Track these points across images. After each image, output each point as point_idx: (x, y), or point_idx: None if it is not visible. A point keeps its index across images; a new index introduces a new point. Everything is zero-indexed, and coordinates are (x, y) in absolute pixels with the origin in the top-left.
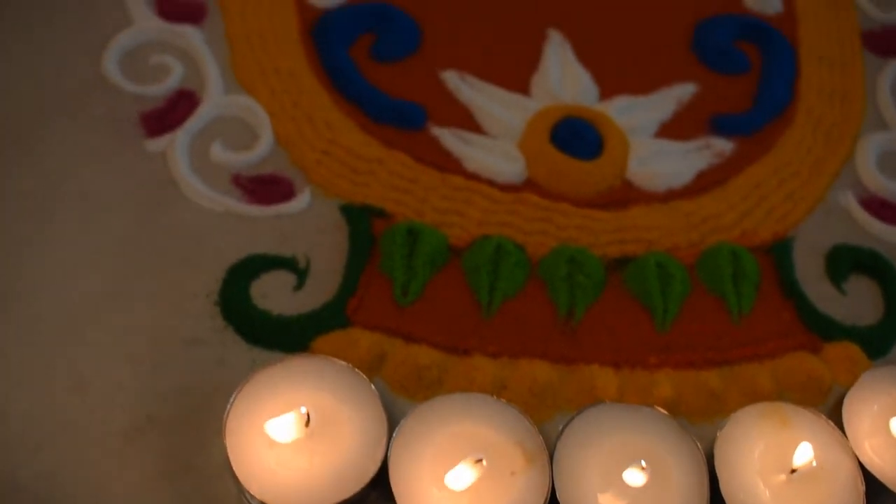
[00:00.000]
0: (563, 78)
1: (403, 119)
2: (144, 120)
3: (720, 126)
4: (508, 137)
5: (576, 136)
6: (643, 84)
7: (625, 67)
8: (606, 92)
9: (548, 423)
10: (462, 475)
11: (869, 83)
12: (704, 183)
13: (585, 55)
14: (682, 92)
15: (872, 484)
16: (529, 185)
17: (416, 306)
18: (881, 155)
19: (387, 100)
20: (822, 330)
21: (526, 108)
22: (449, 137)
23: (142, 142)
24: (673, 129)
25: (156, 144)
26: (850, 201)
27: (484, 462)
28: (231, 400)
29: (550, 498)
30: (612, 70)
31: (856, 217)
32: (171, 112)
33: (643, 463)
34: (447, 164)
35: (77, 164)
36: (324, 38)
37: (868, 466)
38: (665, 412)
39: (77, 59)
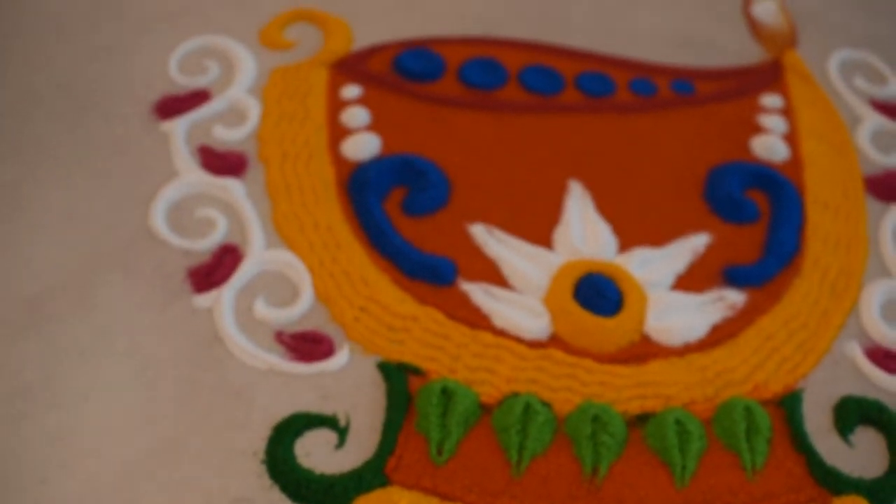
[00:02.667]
0: (584, 231)
1: (435, 275)
2: (192, 275)
3: (732, 277)
4: (534, 293)
5: (598, 293)
6: (660, 234)
7: (642, 218)
8: (625, 243)
9: None
10: None
11: (871, 229)
12: (718, 336)
13: (605, 206)
14: (697, 243)
15: None
16: (555, 340)
17: (451, 465)
18: (885, 304)
19: (419, 255)
20: (831, 484)
21: (550, 262)
22: (478, 293)
23: (189, 298)
24: (688, 280)
25: (203, 300)
26: (856, 352)
27: None
28: None
29: None
30: (631, 220)
31: (861, 368)
32: (217, 268)
33: None
34: (477, 320)
35: (128, 320)
36: (359, 192)
37: None
38: None
39: (126, 212)
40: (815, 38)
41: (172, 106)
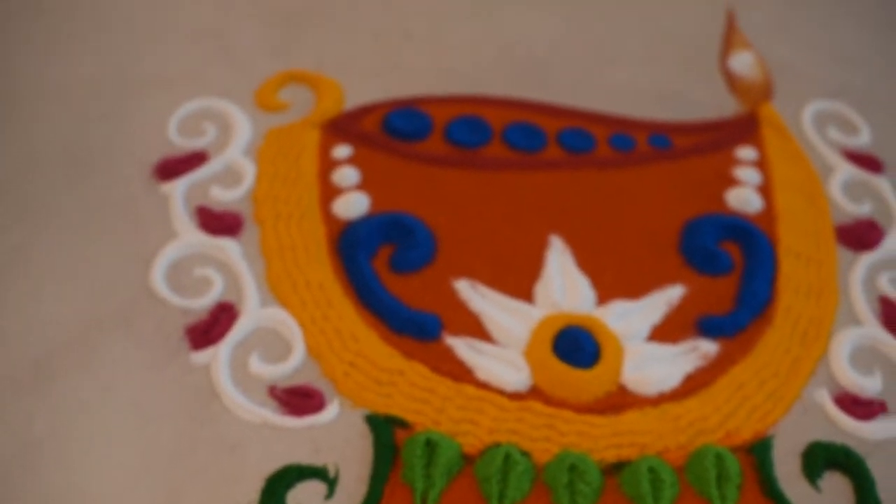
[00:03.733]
0: (563, 285)
1: (421, 330)
2: (190, 333)
3: (706, 328)
4: (515, 346)
5: (576, 346)
6: (637, 287)
7: (620, 271)
8: (604, 296)
9: None
10: None
11: (842, 278)
12: (692, 385)
13: (584, 260)
14: (672, 294)
15: None
16: (535, 392)
17: None
18: (853, 351)
19: (406, 311)
20: None
21: (530, 316)
22: (462, 347)
23: (187, 355)
24: (663, 331)
25: (200, 357)
26: (825, 399)
27: None
28: None
29: None
30: (609, 274)
31: (830, 414)
32: (214, 326)
33: None
34: (461, 373)
35: (129, 377)
36: (348, 251)
37: None
38: None
39: (128, 272)
40: (790, 89)
41: (171, 167)
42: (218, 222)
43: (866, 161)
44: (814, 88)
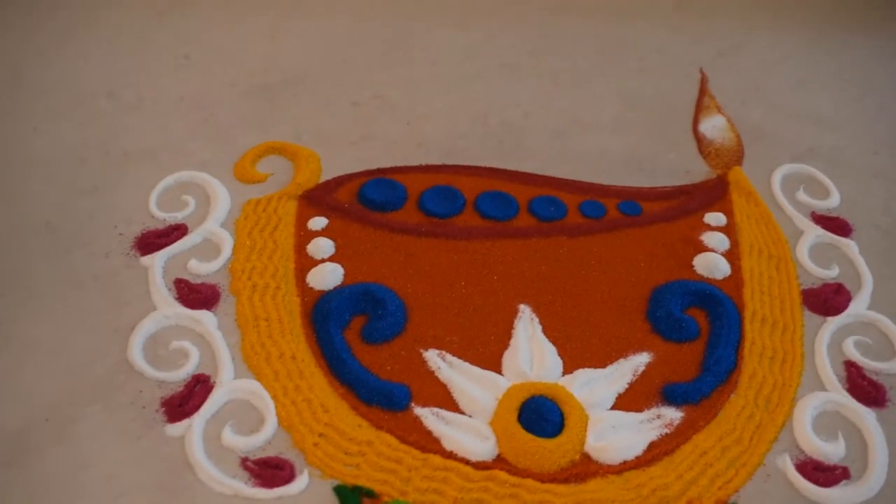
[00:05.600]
0: (531, 354)
1: (390, 401)
2: (165, 406)
3: (670, 395)
4: (482, 416)
5: (540, 416)
6: (603, 355)
7: (587, 339)
8: (570, 365)
9: None
10: None
11: (808, 343)
12: (655, 453)
13: (552, 329)
14: (638, 362)
15: None
16: (500, 461)
17: None
18: (817, 416)
19: (376, 382)
20: None
21: (497, 386)
22: (430, 418)
23: (163, 427)
24: (628, 399)
25: (175, 430)
26: (787, 465)
27: None
28: None
29: None
30: (576, 342)
31: (792, 481)
32: (189, 398)
33: None
34: (428, 443)
35: (106, 449)
36: (321, 322)
37: None
38: None
39: (107, 345)
40: (762, 152)
41: (151, 241)
42: (195, 295)
43: (835, 224)
44: (784, 151)
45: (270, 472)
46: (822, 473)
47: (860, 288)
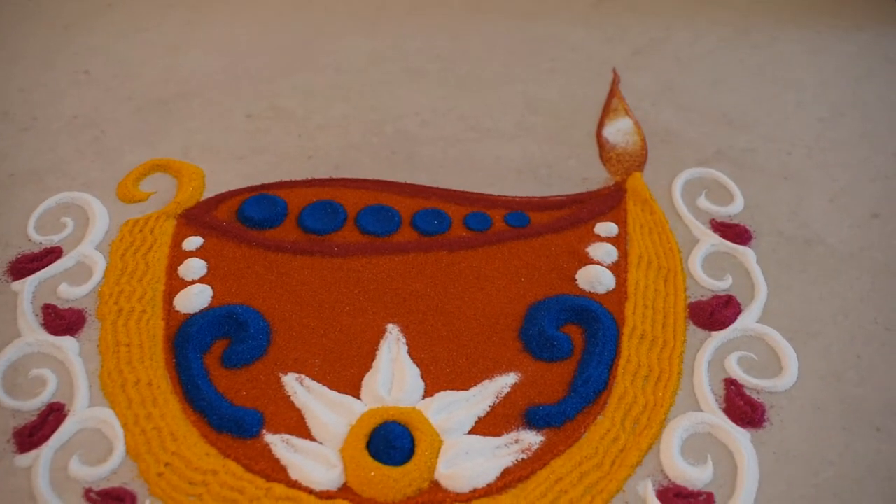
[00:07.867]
0: (391, 377)
1: (240, 428)
2: (16, 436)
3: (533, 418)
4: (333, 443)
5: (388, 443)
6: (468, 377)
7: (453, 360)
8: (433, 387)
9: None
10: None
11: (689, 360)
12: (508, 480)
13: (418, 349)
14: (503, 384)
15: None
16: (345, 491)
17: None
18: (687, 439)
19: (228, 408)
20: None
21: (352, 411)
22: (279, 445)
23: (12, 458)
24: (488, 424)
25: (23, 460)
26: (648, 491)
27: None
28: None
29: None
30: (442, 363)
31: None
32: (41, 428)
33: None
34: (274, 472)
35: None
36: (181, 347)
37: None
38: None
39: None
40: (666, 156)
41: (24, 266)
42: (60, 321)
43: (734, 231)
44: (691, 154)
45: (112, 503)
46: (683, 500)
47: (752, 300)
